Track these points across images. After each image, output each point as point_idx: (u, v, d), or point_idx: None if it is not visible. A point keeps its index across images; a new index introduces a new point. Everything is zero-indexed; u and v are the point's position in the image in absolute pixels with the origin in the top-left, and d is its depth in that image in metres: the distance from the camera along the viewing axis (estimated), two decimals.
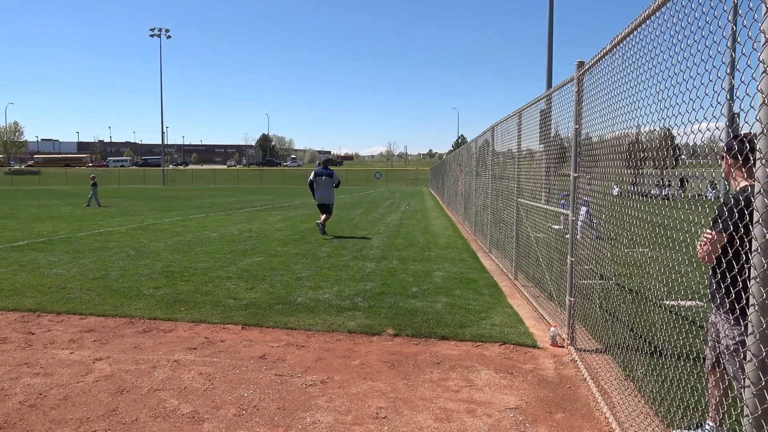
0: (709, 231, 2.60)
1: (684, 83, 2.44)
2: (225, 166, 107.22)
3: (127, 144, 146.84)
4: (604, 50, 3.80)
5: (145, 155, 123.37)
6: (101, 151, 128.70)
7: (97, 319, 5.51)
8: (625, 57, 3.45)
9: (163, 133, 68.89)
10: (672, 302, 4.58)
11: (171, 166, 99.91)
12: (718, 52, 2.09)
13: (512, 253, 7.44)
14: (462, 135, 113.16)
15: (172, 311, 5.75)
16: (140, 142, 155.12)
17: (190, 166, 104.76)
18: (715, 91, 2.12)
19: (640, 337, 4.08)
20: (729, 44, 2.02)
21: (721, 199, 2.65)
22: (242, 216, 18.00)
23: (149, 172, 74.68)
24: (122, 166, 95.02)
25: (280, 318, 5.50)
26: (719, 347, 2.76)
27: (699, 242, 2.66)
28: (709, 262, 2.64)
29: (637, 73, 3.23)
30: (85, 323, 5.36)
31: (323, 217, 12.65)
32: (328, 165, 12.96)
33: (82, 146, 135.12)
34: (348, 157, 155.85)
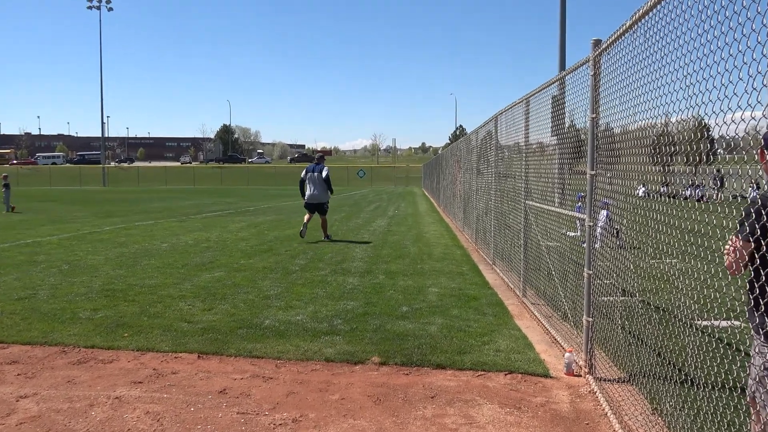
0: (733, 238, 2.64)
1: (716, 65, 2.49)
2: (178, 164, 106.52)
3: (59, 137, 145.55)
4: (624, 26, 3.86)
5: (81, 150, 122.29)
6: (28, 146, 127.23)
7: (21, 348, 5.44)
8: (647, 35, 3.51)
9: (103, 124, 68.45)
10: (706, 322, 4.64)
11: (113, 164, 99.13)
12: (753, 30, 2.14)
13: (520, 266, 7.47)
14: (461, 126, 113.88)
15: (113, 338, 5.70)
16: (76, 135, 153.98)
17: (136, 164, 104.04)
18: (750, 75, 2.17)
19: (670, 363, 4.12)
20: None
21: (749, 200, 2.69)
22: (199, 223, 17.95)
23: (86, 170, 74.01)
24: (54, 163, 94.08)
25: (243, 344, 5.49)
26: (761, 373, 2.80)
27: (724, 251, 2.70)
28: (735, 273, 2.68)
29: (662, 53, 3.28)
30: (6, 353, 5.29)
31: (321, 222, 13.49)
32: (322, 161, 13.82)
33: (4, 140, 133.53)
34: (325, 152, 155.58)
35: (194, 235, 14.31)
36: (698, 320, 4.21)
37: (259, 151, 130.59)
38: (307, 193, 13.48)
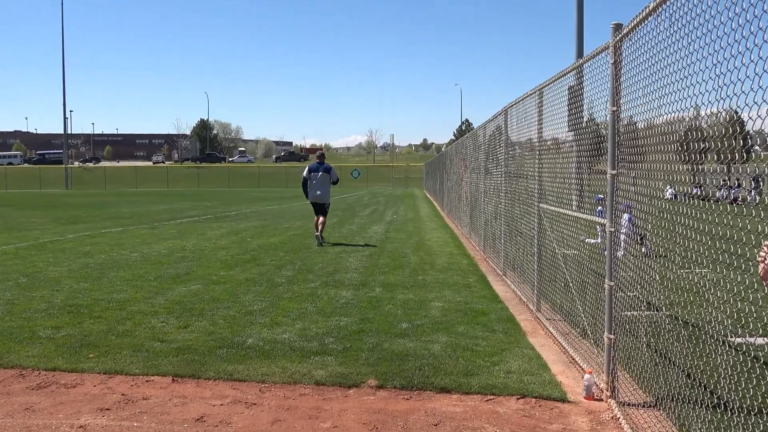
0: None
1: (749, 52, 2.50)
2: (150, 163, 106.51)
3: (16, 134, 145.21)
4: (647, 9, 3.88)
5: (41, 149, 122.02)
6: None
7: None
8: (674, 17, 3.53)
9: (66, 119, 68.39)
10: (741, 339, 4.64)
11: (77, 164, 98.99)
12: None
13: (533, 277, 7.49)
14: (466, 120, 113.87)
15: (77, 359, 5.69)
16: (35, 132, 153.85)
17: (103, 164, 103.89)
18: None
19: (701, 385, 4.12)
20: None
21: None
22: (173, 230, 17.93)
23: (47, 171, 73.88)
24: (10, 163, 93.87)
25: (223, 366, 5.48)
26: None
27: (758, 258, 2.71)
28: None
29: (690, 38, 3.29)
30: None
31: (320, 223, 14.35)
32: (324, 159, 14.94)
33: None
34: (315, 150, 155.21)
35: (168, 244, 14.29)
36: (732, 337, 4.21)
37: (240, 149, 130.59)
38: (311, 193, 14.57)
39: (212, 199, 39.89)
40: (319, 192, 14.57)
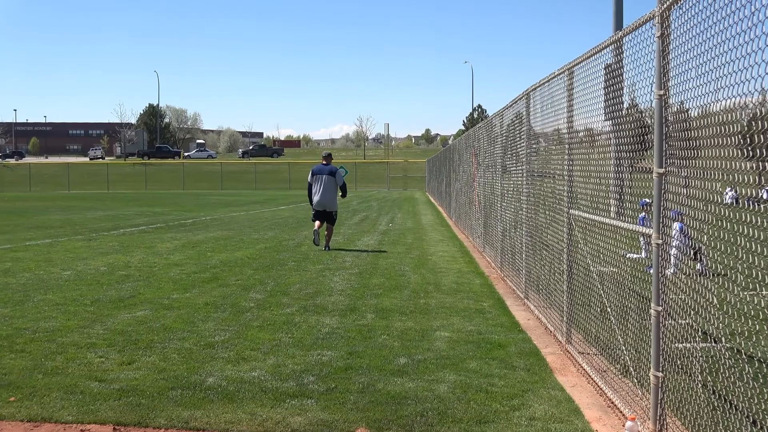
0: None
1: None
2: (86, 159, 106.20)
3: None
4: None
5: None
6: None
7: None
8: None
9: None
10: None
11: None
12: None
13: (562, 300, 7.49)
14: (479, 106, 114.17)
15: None
16: None
17: (27, 159, 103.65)
18: None
19: None
20: None
21: None
22: (114, 242, 17.90)
23: None
24: None
25: (177, 412, 5.47)
26: None
27: None
28: None
29: (757, 5, 3.30)
30: None
31: (326, 232, 15.87)
32: (330, 160, 16.53)
33: None
34: (292, 143, 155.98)
35: (108, 259, 14.26)
36: None
37: (199, 141, 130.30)
38: (315, 198, 16.02)
39: (164, 203, 39.75)
40: (323, 198, 15.93)
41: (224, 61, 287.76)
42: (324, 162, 16.51)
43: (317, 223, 16.13)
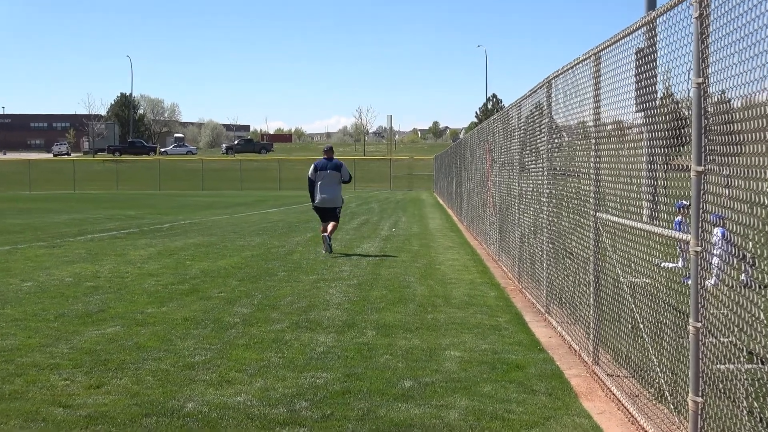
0: None
1: None
2: (50, 156, 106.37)
3: None
4: None
5: None
6: None
7: None
8: None
9: None
10: None
11: None
12: None
13: (589, 315, 7.46)
14: (493, 96, 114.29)
15: None
16: None
17: None
18: None
19: None
20: None
21: None
22: (81, 249, 17.91)
23: None
24: None
25: None
26: None
27: None
28: None
29: None
30: None
31: (330, 226, 16.60)
32: (332, 155, 17.10)
33: None
34: (282, 137, 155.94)
35: (74, 269, 14.22)
36: None
37: (177, 135, 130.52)
38: (317, 195, 16.63)
39: (137, 205, 39.83)
40: (326, 194, 16.54)
41: (206, 45, 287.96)
42: (326, 156, 16.98)
43: (322, 227, 16.74)
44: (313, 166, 16.96)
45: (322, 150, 17.60)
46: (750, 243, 4.19)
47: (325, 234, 16.42)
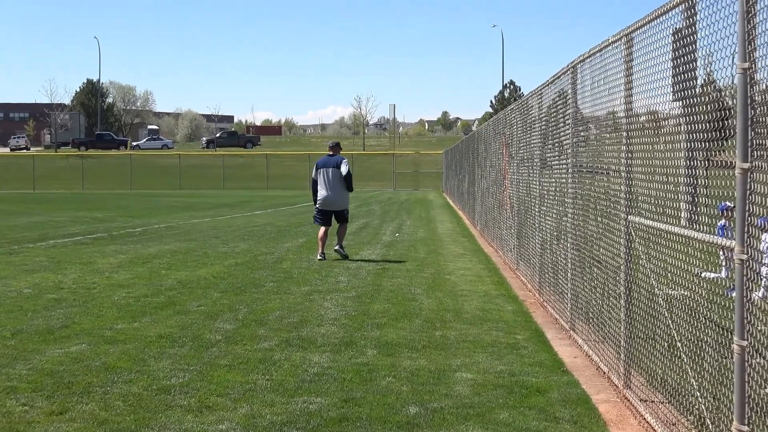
0: None
1: None
2: (7, 150, 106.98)
3: None
4: None
5: None
6: None
7: None
8: None
9: None
10: None
11: None
12: None
13: (619, 332, 7.49)
14: (510, 83, 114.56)
15: None
16: None
17: None
18: None
19: None
20: None
21: None
22: (42, 256, 18.06)
23: None
24: None
25: None
26: None
27: None
28: None
29: None
30: None
31: (339, 231, 16.93)
32: (338, 150, 17.24)
33: None
34: (270, 129, 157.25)
35: (34, 279, 14.30)
36: None
37: (151, 127, 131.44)
38: (320, 196, 16.80)
39: (106, 207, 40.30)
40: (329, 194, 16.73)
41: (183, 25, 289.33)
42: (330, 153, 17.13)
43: (322, 230, 16.79)
44: (315, 165, 17.20)
45: (328, 145, 17.82)
46: None
47: (324, 239, 16.61)
